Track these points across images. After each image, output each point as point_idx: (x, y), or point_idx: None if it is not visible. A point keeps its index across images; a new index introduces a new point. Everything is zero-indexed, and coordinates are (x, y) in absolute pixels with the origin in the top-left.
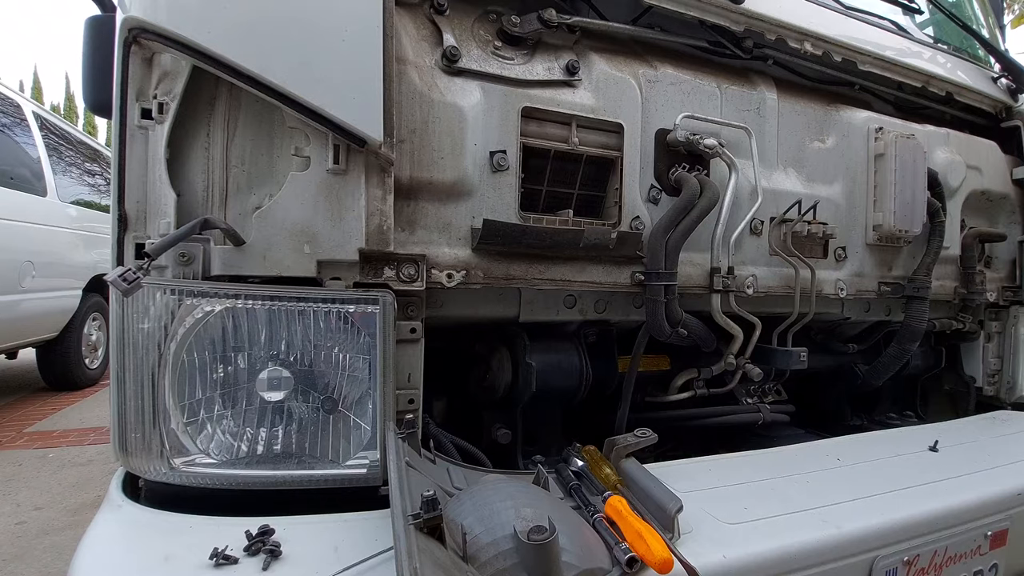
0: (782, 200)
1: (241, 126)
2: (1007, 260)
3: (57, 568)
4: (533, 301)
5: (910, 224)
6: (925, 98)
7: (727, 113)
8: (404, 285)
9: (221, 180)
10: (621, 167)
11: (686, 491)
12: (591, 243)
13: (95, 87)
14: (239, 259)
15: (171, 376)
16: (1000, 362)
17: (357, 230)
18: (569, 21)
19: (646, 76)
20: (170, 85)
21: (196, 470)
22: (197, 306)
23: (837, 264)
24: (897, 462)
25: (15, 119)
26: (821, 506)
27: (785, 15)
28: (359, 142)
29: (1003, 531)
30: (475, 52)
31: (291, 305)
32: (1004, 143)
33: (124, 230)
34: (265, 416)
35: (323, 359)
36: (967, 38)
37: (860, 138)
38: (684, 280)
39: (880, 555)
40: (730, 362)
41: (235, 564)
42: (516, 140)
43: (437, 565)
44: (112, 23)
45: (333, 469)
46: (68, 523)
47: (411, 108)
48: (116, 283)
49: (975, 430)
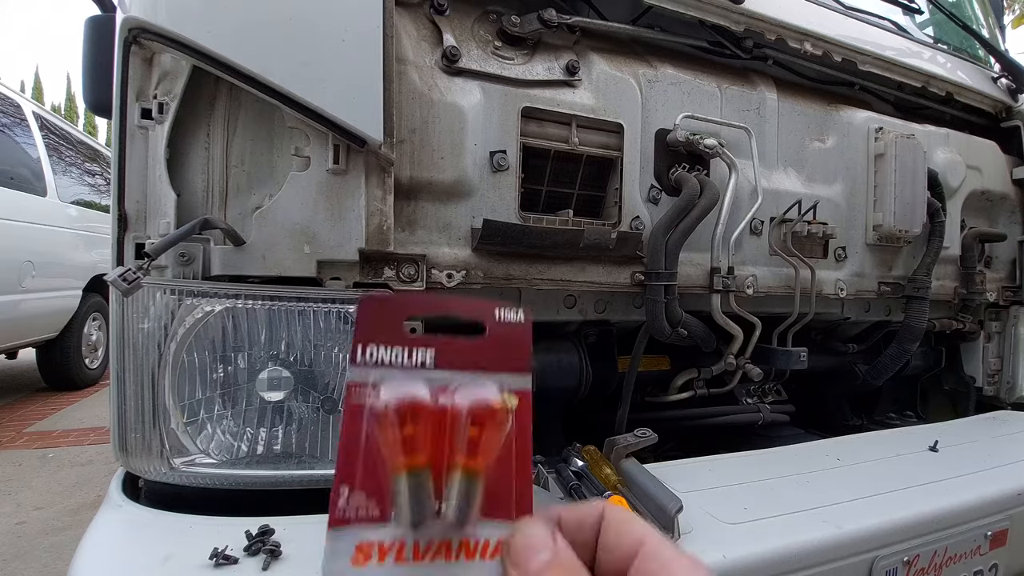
0: (782, 200)
1: (241, 126)
2: (1007, 260)
3: (57, 568)
4: (533, 301)
5: (910, 224)
6: (925, 98)
7: (727, 113)
8: (404, 285)
9: (221, 180)
10: (621, 167)
11: (686, 491)
12: (591, 243)
13: (95, 87)
14: (239, 259)
15: (171, 376)
16: (1000, 362)
17: (357, 230)
18: (569, 21)
19: (646, 76)
20: (170, 85)
21: (196, 470)
22: (197, 306)
23: (837, 264)
24: (897, 462)
25: (15, 119)
26: (821, 506)
27: (785, 15)
28: (359, 142)
29: (1003, 531)
30: (475, 52)
31: (291, 305)
32: (1004, 143)
33: (124, 230)
34: (265, 416)
35: (323, 359)
36: (967, 38)
37: (860, 138)
38: (684, 280)
39: (880, 555)
40: (730, 362)
41: (235, 564)
42: (516, 140)
43: None
44: (112, 23)
45: (333, 469)
46: (68, 523)
47: (411, 108)
48: (116, 283)
49: (975, 430)
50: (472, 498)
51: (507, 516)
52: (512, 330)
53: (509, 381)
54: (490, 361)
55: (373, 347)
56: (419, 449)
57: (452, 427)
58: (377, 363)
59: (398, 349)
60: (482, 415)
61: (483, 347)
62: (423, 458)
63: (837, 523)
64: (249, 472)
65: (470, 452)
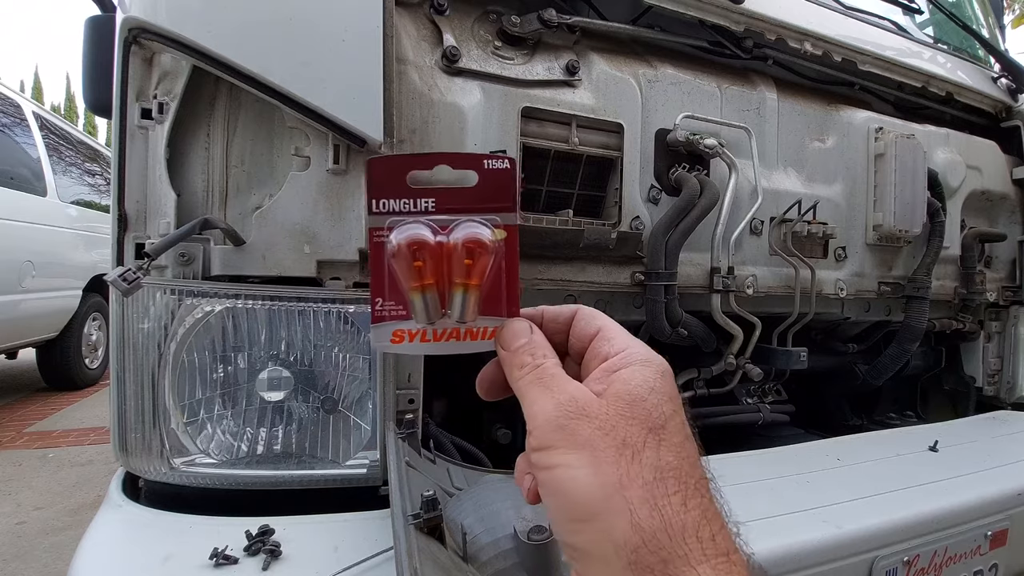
0: (782, 200)
1: (241, 126)
2: (1007, 260)
3: (57, 568)
4: (533, 301)
5: (910, 224)
6: (925, 98)
7: (727, 113)
8: None
9: (221, 180)
10: (621, 167)
11: None
12: (591, 243)
13: (95, 87)
14: (239, 259)
15: (171, 376)
16: (1000, 362)
17: (357, 230)
18: (569, 21)
19: (646, 76)
20: (170, 85)
21: (196, 470)
22: (197, 306)
23: (837, 264)
24: (897, 462)
25: (15, 119)
26: (821, 506)
27: (785, 15)
28: (359, 142)
29: (1003, 531)
30: (475, 52)
31: (291, 305)
32: (1004, 143)
33: (124, 230)
34: (265, 416)
35: (323, 359)
36: (967, 38)
37: (860, 138)
38: (684, 280)
39: (880, 555)
40: (730, 362)
41: (235, 564)
42: (516, 140)
43: (437, 565)
44: (112, 23)
45: (333, 469)
46: (68, 523)
47: (411, 108)
48: (116, 283)
49: (975, 430)
50: (468, 304)
51: (499, 313)
52: (499, 175)
53: (498, 218)
54: (482, 203)
55: (384, 200)
56: (425, 274)
57: (450, 257)
58: (389, 212)
59: (404, 200)
60: (472, 248)
61: (475, 192)
62: (429, 280)
63: (837, 523)
64: (249, 472)
65: (467, 275)
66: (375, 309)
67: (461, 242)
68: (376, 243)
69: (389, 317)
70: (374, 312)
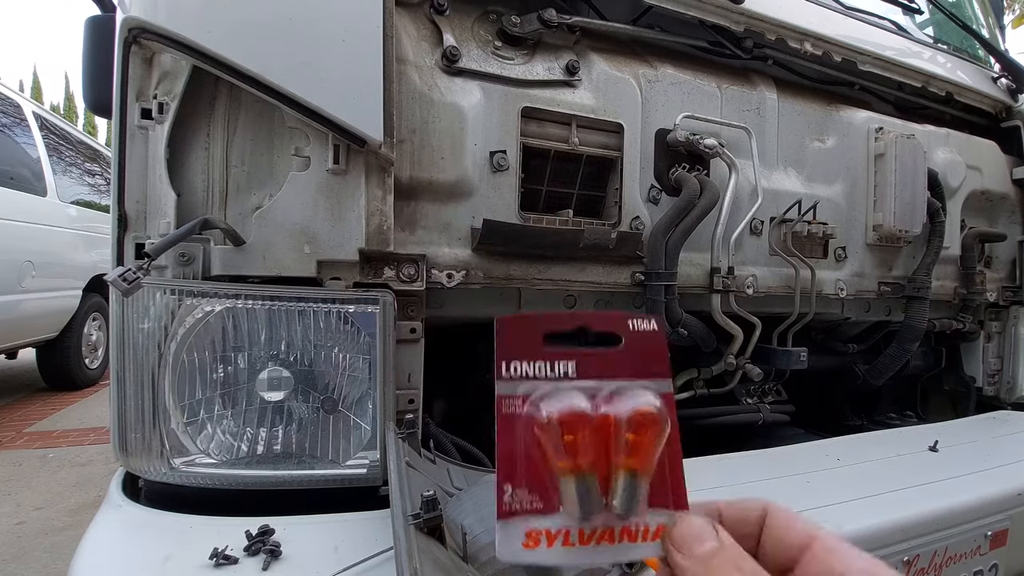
0: (782, 200)
1: (241, 126)
2: (1007, 260)
3: (57, 568)
4: (533, 301)
5: (910, 224)
6: (925, 98)
7: (727, 113)
8: (404, 285)
9: (221, 180)
10: (621, 167)
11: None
12: (591, 243)
13: (95, 87)
14: (239, 259)
15: (171, 376)
16: (1000, 362)
17: (357, 230)
18: (569, 21)
19: (646, 76)
20: (170, 85)
21: (196, 470)
22: (197, 306)
23: (837, 264)
24: (897, 462)
25: (15, 119)
26: (821, 506)
27: (785, 15)
28: (359, 142)
29: (1003, 531)
30: (475, 52)
31: (291, 305)
32: (1004, 143)
33: (124, 230)
34: (265, 416)
35: (323, 359)
36: (967, 38)
37: (860, 138)
38: (684, 280)
39: (880, 555)
40: (730, 362)
41: (235, 564)
42: (516, 140)
43: (437, 565)
44: (112, 23)
45: (333, 469)
46: (68, 523)
47: (411, 108)
48: (116, 283)
49: (975, 430)
50: (638, 493)
51: (665, 505)
52: (648, 338)
53: (654, 386)
54: (631, 369)
55: (516, 363)
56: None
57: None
58: (522, 376)
59: (540, 363)
60: (641, 421)
61: (622, 356)
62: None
63: (837, 523)
64: (249, 472)
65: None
66: (502, 499)
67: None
68: (507, 415)
69: (521, 511)
70: (501, 504)
